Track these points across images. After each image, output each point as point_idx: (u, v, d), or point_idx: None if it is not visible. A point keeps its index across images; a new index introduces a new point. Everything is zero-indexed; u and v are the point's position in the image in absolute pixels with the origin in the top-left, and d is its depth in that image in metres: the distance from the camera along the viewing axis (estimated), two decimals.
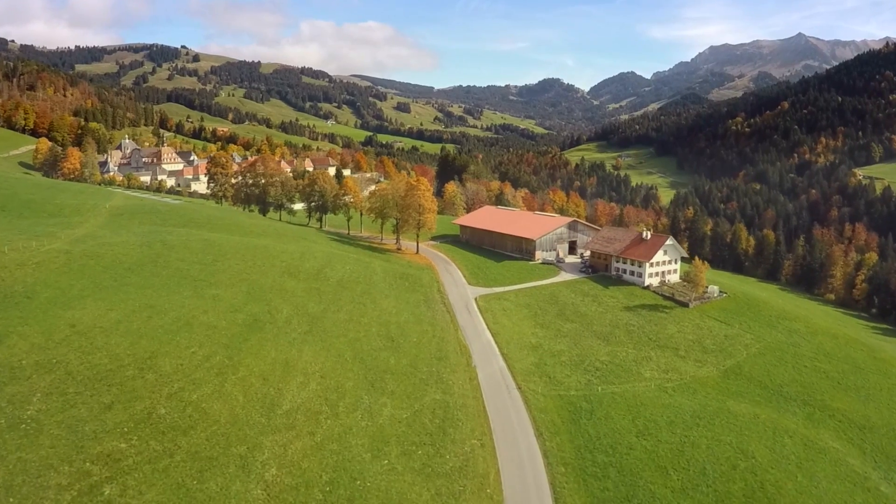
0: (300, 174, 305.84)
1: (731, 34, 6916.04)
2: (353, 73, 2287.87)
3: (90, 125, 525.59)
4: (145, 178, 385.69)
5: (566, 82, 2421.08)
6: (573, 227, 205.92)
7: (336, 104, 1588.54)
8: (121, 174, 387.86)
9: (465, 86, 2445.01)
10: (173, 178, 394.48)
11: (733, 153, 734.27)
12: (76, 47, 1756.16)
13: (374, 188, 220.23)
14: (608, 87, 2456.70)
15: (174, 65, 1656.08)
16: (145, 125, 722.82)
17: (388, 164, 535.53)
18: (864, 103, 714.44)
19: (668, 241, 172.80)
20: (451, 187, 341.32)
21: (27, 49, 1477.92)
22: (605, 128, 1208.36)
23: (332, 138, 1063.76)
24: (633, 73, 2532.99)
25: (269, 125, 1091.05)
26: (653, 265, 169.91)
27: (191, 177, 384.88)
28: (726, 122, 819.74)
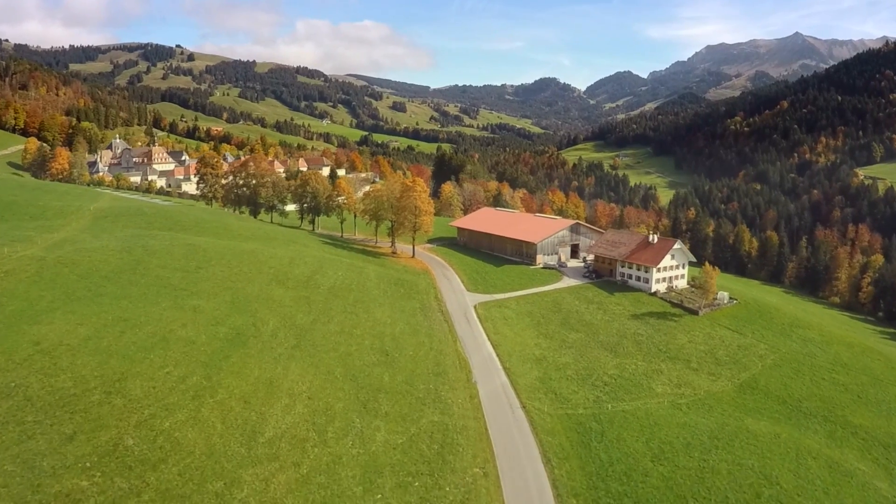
0: (293, 174, 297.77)
1: (728, 33, 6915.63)
2: (349, 72, 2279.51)
3: (82, 125, 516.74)
4: (135, 179, 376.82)
5: (562, 82, 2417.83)
6: (575, 229, 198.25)
7: (331, 104, 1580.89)
8: (110, 174, 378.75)
9: (461, 85, 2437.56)
10: (164, 179, 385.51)
11: (732, 153, 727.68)
12: (70, 46, 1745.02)
13: (369, 189, 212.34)
14: (605, 86, 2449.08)
15: (169, 64, 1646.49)
16: (138, 125, 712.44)
17: (383, 163, 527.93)
18: (864, 103, 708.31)
19: (675, 246, 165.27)
20: (448, 188, 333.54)
21: (21, 48, 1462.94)
22: (601, 127, 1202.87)
23: (327, 138, 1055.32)
24: (629, 73, 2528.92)
25: (263, 125, 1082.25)
26: (660, 270, 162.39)
27: (182, 177, 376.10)
28: (725, 122, 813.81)
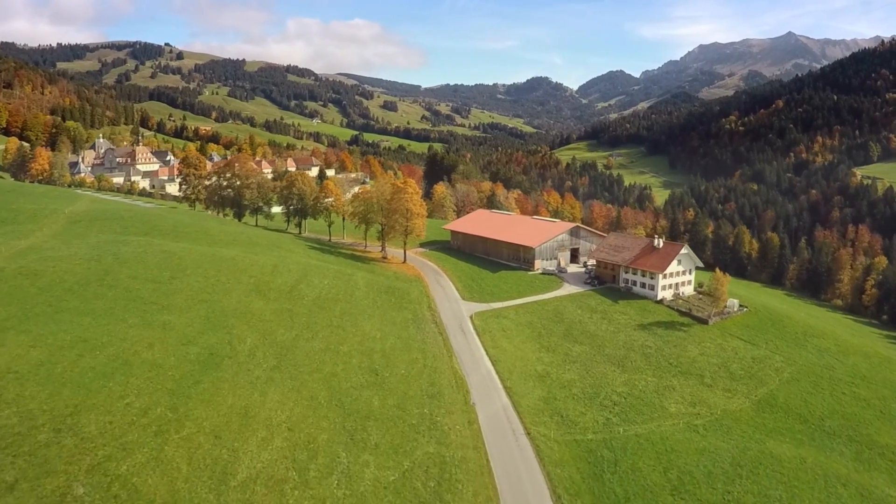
0: (280, 175, 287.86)
1: (721, 33, 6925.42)
2: (340, 71, 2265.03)
3: (67, 124, 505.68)
4: (118, 180, 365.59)
5: (554, 81, 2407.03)
6: (575, 233, 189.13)
7: (322, 103, 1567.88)
8: (92, 175, 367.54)
9: (452, 84, 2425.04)
10: (148, 180, 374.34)
11: (727, 152, 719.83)
12: (58, 45, 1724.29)
13: (358, 190, 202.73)
14: (597, 85, 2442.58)
15: (157, 63, 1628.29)
16: (125, 124, 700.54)
17: (374, 163, 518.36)
18: (860, 102, 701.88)
19: (682, 251, 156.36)
20: (441, 188, 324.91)
21: (8, 46, 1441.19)
22: (594, 126, 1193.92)
23: (317, 137, 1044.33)
24: (621, 72, 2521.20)
25: (253, 124, 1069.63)
26: (666, 277, 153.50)
27: (166, 178, 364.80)
28: (719, 121, 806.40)
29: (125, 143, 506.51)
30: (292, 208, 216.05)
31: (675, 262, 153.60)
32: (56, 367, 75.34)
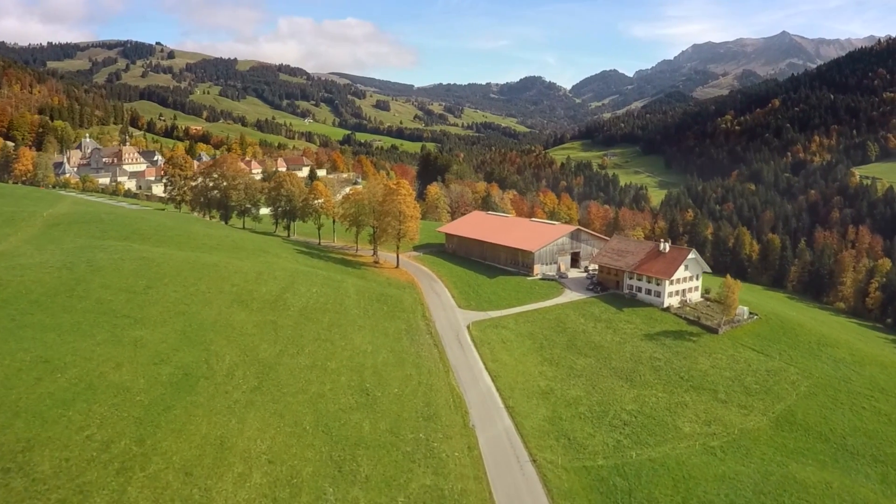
0: (270, 175, 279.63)
1: (715, 32, 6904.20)
2: (332, 70, 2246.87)
3: (54, 123, 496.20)
4: (104, 180, 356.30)
5: (548, 80, 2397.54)
6: (576, 236, 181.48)
7: (314, 102, 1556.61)
8: (77, 176, 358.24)
9: (445, 84, 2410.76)
10: (134, 180, 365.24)
11: (723, 152, 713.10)
12: (48, 44, 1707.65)
13: (349, 191, 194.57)
14: (590, 85, 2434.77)
15: (148, 62, 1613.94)
16: (115, 123, 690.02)
17: (366, 163, 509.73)
18: (857, 101, 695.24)
19: (690, 255, 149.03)
20: (434, 189, 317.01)
21: None
22: (588, 126, 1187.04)
23: (309, 137, 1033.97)
24: (615, 72, 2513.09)
25: (244, 124, 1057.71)
26: (673, 283, 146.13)
27: (153, 178, 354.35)
28: (715, 120, 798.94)
29: (114, 143, 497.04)
30: (280, 210, 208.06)
31: (682, 268, 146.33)
32: (11, 393, 67.48)
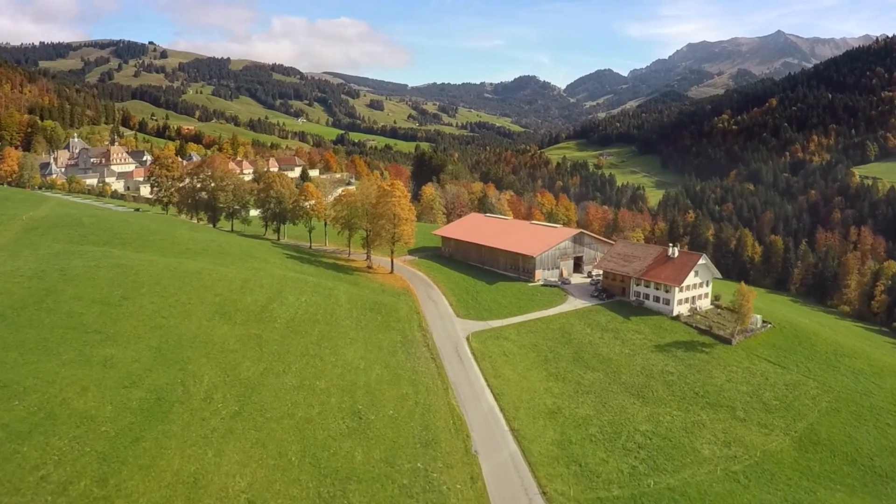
0: (261, 175, 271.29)
1: (710, 32, 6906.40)
2: (326, 70, 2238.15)
3: (44, 123, 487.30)
4: (91, 181, 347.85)
5: (542, 80, 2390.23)
6: (579, 239, 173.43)
7: (307, 102, 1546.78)
8: (64, 176, 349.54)
9: (439, 83, 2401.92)
10: (122, 181, 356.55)
11: (721, 151, 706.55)
12: (41, 43, 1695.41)
13: (341, 193, 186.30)
14: (585, 84, 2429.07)
15: (141, 61, 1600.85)
16: (106, 123, 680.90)
17: (359, 163, 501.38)
18: (855, 100, 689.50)
19: (700, 261, 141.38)
20: (429, 190, 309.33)
21: None
22: (584, 125, 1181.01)
23: (302, 137, 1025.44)
24: (609, 71, 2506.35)
25: (237, 123, 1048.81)
26: (683, 290, 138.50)
27: (141, 179, 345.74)
28: (711, 120, 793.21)
29: (105, 143, 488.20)
30: (270, 212, 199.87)
31: (691, 274, 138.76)
32: None
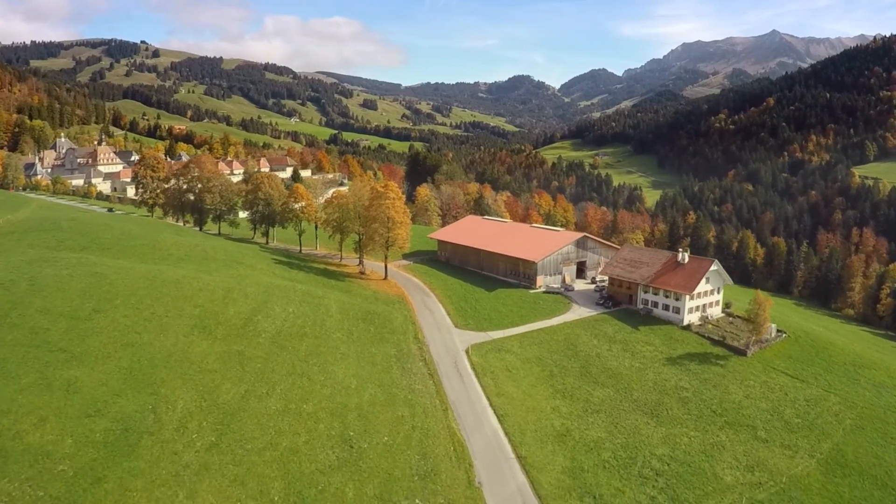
0: (250, 176, 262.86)
1: (704, 31, 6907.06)
2: (319, 69, 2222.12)
3: (32, 123, 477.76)
4: (77, 182, 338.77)
5: (536, 79, 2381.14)
6: (582, 244, 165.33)
7: (300, 101, 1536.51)
8: (49, 177, 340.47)
9: (433, 83, 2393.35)
10: (109, 182, 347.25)
11: (718, 151, 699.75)
12: (32, 42, 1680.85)
13: (332, 195, 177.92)
14: (579, 84, 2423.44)
15: (133, 60, 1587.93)
16: (96, 123, 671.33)
17: (352, 163, 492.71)
18: (853, 100, 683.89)
19: (712, 267, 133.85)
20: (424, 191, 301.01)
21: None
22: (579, 125, 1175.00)
23: (295, 136, 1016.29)
24: (604, 70, 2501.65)
25: (229, 123, 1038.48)
26: (694, 297, 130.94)
27: (128, 179, 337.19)
28: (708, 119, 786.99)
29: (93, 143, 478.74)
30: (258, 215, 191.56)
31: (703, 281, 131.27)
32: None
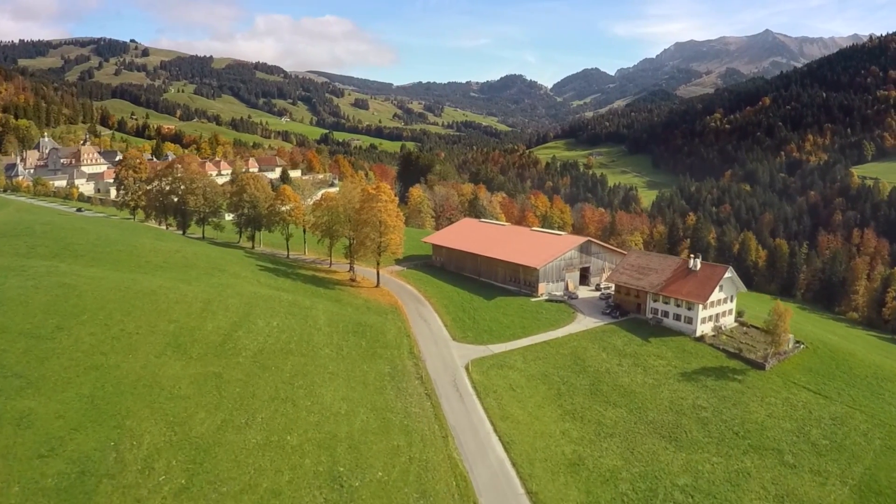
0: (237, 176, 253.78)
1: (697, 31, 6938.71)
2: (310, 68, 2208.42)
3: (17, 122, 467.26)
4: (60, 183, 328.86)
5: (529, 79, 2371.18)
6: (586, 248, 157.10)
7: (291, 101, 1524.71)
8: (31, 178, 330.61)
9: (425, 82, 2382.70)
10: (92, 183, 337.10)
11: (714, 151, 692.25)
12: (20, 41, 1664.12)
13: (321, 197, 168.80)
14: (572, 83, 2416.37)
15: (122, 59, 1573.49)
16: (84, 122, 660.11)
17: (343, 163, 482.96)
18: (850, 99, 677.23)
19: (726, 274, 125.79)
20: (417, 192, 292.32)
21: None
22: (572, 125, 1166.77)
23: (285, 136, 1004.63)
24: (597, 70, 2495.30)
25: (219, 122, 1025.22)
26: (706, 307, 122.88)
27: (111, 180, 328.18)
28: (703, 119, 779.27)
29: (79, 143, 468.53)
30: (244, 218, 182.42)
31: (716, 289, 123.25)
32: None
